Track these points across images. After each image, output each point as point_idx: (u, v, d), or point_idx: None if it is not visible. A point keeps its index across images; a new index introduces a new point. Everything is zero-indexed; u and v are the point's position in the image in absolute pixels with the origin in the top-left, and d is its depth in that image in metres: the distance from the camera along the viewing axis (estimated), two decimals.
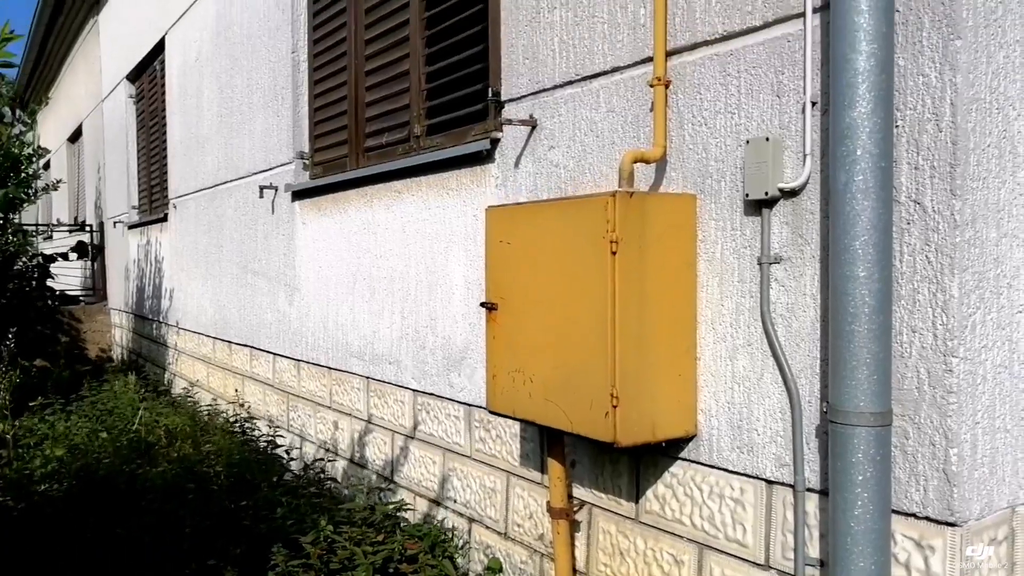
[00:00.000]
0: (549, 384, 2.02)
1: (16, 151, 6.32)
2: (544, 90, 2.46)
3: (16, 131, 6.94)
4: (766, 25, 1.79)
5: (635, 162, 1.98)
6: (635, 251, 1.85)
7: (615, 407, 1.82)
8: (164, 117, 6.64)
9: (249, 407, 4.77)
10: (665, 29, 2.01)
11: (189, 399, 5.59)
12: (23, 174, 6.68)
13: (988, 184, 1.53)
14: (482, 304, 2.25)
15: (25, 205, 6.77)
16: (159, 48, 6.76)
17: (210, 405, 5.29)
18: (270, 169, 4.47)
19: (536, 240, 2.06)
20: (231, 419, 4.37)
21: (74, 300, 9.96)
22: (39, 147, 7.11)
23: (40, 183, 7.36)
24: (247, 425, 4.26)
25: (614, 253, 1.82)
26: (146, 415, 4.35)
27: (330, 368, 3.90)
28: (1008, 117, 1.56)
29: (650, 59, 2.06)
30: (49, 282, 7.86)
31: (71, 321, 9.34)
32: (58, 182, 8.61)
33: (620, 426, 1.83)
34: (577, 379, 1.93)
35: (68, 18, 10.04)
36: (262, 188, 4.40)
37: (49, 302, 8.37)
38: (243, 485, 3.37)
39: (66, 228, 10.76)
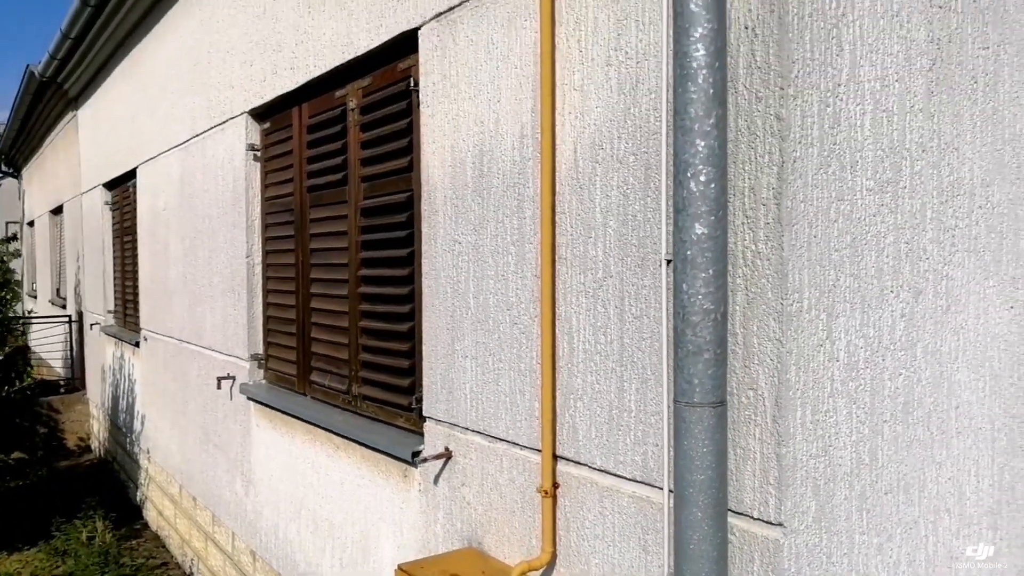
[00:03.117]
0: None
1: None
2: (458, 426, 2.61)
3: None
4: (634, 480, 1.95)
5: (524, 573, 2.13)
6: None
7: None
8: (137, 238, 6.75)
9: None
10: (553, 436, 2.17)
11: (154, 559, 5.75)
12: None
13: None
14: None
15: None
16: (132, 173, 6.89)
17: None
18: (229, 355, 4.61)
19: None
20: None
21: (54, 388, 10.09)
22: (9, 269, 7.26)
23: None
24: None
25: None
26: None
27: None
28: None
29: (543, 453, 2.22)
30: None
31: (49, 412, 9.46)
32: (31, 313, 8.88)
33: None
34: None
35: (47, 106, 10.17)
36: (220, 379, 4.54)
37: (28, 392, 8.52)
38: None
39: (48, 319, 10.86)
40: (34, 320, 10.76)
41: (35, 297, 14.68)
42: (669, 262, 1.82)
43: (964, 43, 1.95)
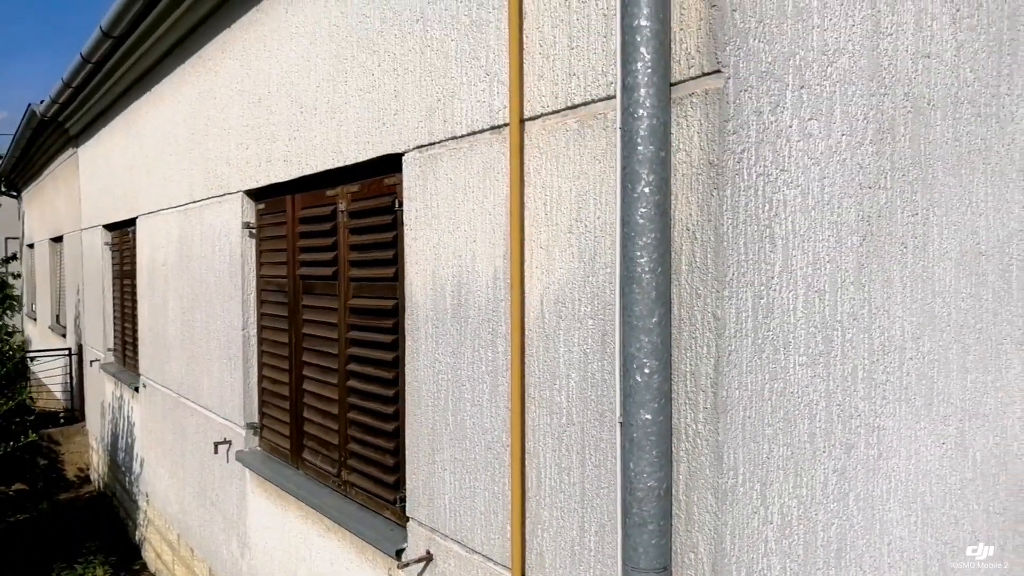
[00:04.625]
0: None
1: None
2: (439, 532, 2.80)
3: None
4: None
5: None
6: None
7: None
8: (137, 286, 6.92)
9: None
10: (523, 559, 2.35)
11: None
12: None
13: None
14: None
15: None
16: (132, 221, 7.07)
17: None
18: (226, 420, 4.80)
19: None
20: None
21: (54, 418, 10.26)
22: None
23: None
24: None
25: None
26: None
27: None
28: None
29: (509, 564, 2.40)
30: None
31: (49, 444, 9.64)
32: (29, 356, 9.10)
33: None
34: None
35: (48, 140, 10.34)
36: (216, 444, 4.72)
37: (28, 423, 8.72)
38: None
39: (49, 352, 11.02)
40: (35, 355, 10.93)
41: (35, 320, 14.84)
42: (623, 424, 2.01)
43: (894, 215, 2.14)
